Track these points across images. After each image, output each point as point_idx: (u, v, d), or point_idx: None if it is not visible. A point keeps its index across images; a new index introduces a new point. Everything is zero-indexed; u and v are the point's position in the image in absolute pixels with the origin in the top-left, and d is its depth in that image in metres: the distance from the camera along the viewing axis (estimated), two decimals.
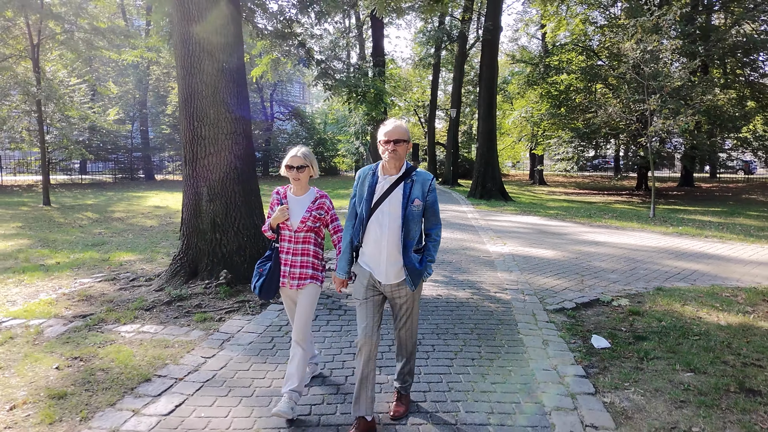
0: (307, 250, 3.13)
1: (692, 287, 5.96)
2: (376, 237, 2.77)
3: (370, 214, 2.78)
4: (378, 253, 2.78)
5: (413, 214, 2.74)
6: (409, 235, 2.76)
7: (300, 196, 3.16)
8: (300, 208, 3.11)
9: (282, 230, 3.13)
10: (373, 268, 2.82)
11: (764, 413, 3.02)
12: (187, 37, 5.40)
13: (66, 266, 7.05)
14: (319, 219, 3.14)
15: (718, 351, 3.96)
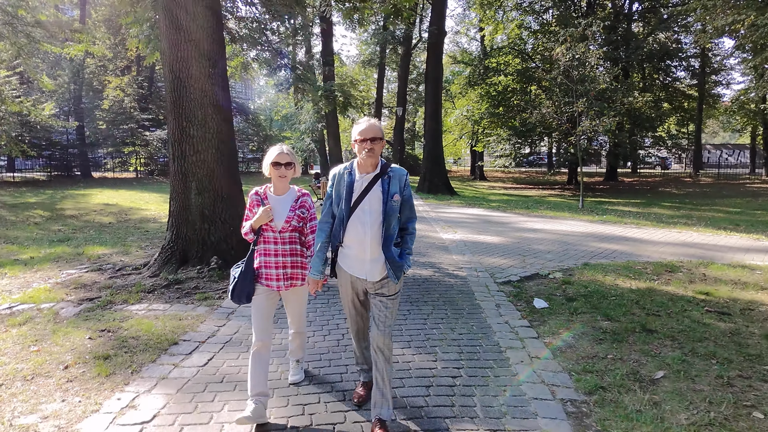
0: (296, 250, 3.11)
1: (612, 263, 7.19)
2: (359, 235, 2.77)
3: (350, 213, 2.79)
4: (361, 251, 2.78)
5: (393, 209, 2.77)
6: (390, 229, 2.79)
7: (281, 195, 3.11)
8: (283, 208, 3.06)
9: (264, 232, 3.05)
10: (356, 268, 2.83)
11: (656, 344, 4.11)
12: (175, 43, 5.92)
13: (42, 260, 7.29)
14: (302, 218, 3.12)
15: (628, 306, 5.08)
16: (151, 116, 31.03)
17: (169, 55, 5.96)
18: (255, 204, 3.08)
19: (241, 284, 3.00)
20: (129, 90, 31.17)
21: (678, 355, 3.85)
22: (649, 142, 28.32)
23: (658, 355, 3.89)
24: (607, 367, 3.66)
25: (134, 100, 31.04)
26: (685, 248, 8.50)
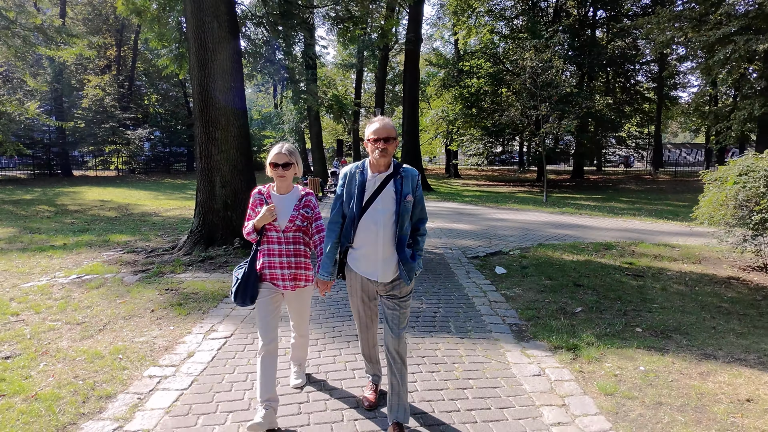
0: (300, 250, 3.07)
1: (562, 243, 8.79)
2: (371, 235, 2.75)
3: (362, 213, 2.75)
4: (374, 251, 2.76)
5: (406, 210, 2.74)
6: (403, 230, 2.76)
7: (284, 194, 3.07)
8: (286, 207, 3.02)
9: (268, 231, 3.00)
10: (367, 269, 2.80)
11: (581, 293, 5.65)
12: (203, 62, 7.21)
13: (76, 246, 8.45)
14: (307, 217, 3.06)
15: (567, 271, 6.64)
16: (132, 115, 31.66)
17: (198, 72, 7.24)
18: (258, 203, 3.05)
19: (244, 286, 2.96)
20: (109, 89, 31.71)
21: (594, 299, 5.41)
22: (612, 142, 30.47)
23: (581, 299, 5.43)
24: (542, 306, 5.18)
25: (115, 99, 31.60)
26: (626, 233, 10.19)
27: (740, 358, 3.85)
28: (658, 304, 5.29)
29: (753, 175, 6.76)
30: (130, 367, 3.66)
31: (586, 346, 4.07)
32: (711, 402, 3.16)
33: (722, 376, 3.52)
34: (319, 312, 5.00)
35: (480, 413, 3.06)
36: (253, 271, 2.99)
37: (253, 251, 3.04)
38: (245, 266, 3.01)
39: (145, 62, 36.77)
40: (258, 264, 3.03)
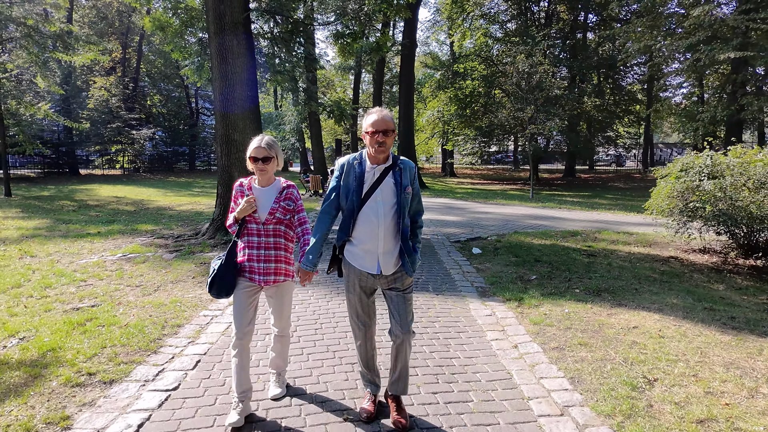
0: (280, 243, 3.05)
1: (534, 231, 10.11)
2: (371, 228, 2.73)
3: (361, 205, 2.74)
4: (374, 244, 2.74)
5: (406, 201, 2.76)
6: (404, 221, 2.77)
7: (265, 186, 3.07)
8: (267, 200, 3.02)
9: (248, 224, 3.01)
10: (367, 262, 2.78)
11: (539, 266, 6.96)
12: (224, 74, 8.50)
13: (110, 233, 9.73)
14: (288, 210, 3.06)
15: (532, 252, 7.96)
16: (136, 116, 32.91)
17: (220, 82, 8.54)
18: (239, 195, 3.05)
19: (220, 278, 2.94)
20: (114, 90, 32.93)
21: (548, 270, 6.73)
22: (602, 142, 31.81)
23: (537, 271, 6.75)
24: (505, 275, 6.50)
25: (120, 100, 32.83)
26: (595, 223, 11.51)
27: (644, 307, 5.16)
28: (599, 274, 6.61)
29: (690, 171, 8.10)
30: (188, 310, 4.97)
31: (529, 298, 5.39)
32: (607, 328, 4.47)
33: (624, 316, 4.83)
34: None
35: (443, 335, 4.37)
36: (231, 264, 2.98)
37: (232, 242, 3.06)
38: (223, 258, 3.00)
39: (148, 63, 38.04)
40: (238, 257, 3.05)
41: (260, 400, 3.20)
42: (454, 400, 3.18)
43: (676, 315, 4.88)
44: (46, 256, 7.64)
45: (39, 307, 5.07)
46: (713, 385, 3.35)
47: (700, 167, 7.98)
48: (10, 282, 6.04)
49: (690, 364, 3.69)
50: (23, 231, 9.98)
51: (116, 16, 32.53)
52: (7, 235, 9.44)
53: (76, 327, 4.45)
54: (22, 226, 10.57)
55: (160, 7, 9.85)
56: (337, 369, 3.67)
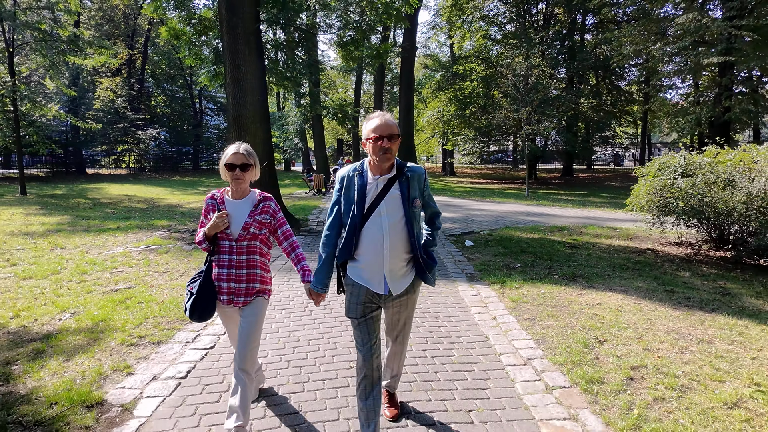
0: (253, 261, 2.82)
1: (525, 226, 10.85)
2: (375, 245, 2.50)
3: (364, 220, 2.51)
4: (379, 263, 2.52)
5: (414, 215, 2.55)
6: (415, 236, 2.55)
7: (240, 200, 2.84)
8: (241, 214, 2.80)
9: (221, 240, 2.78)
10: (371, 281, 2.55)
11: (524, 256, 7.71)
12: (236, 81, 9.26)
13: (128, 228, 10.49)
14: (265, 225, 2.83)
15: (520, 244, 8.71)
16: (142, 116, 33.70)
17: (233, 89, 9.30)
18: (210, 209, 2.83)
19: (200, 300, 2.76)
20: (120, 91, 33.73)
21: (532, 259, 7.48)
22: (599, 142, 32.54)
23: (522, 260, 7.50)
24: (492, 264, 7.25)
25: (126, 101, 33.63)
26: (584, 219, 12.25)
27: (612, 289, 5.91)
28: (578, 263, 7.36)
29: (666, 169, 8.84)
30: None
31: (511, 282, 6.14)
32: (574, 304, 5.22)
33: (591, 296, 5.58)
34: None
35: (434, 309, 5.12)
36: (210, 284, 2.77)
37: (207, 262, 2.80)
38: (201, 279, 2.78)
39: (152, 64, 38.83)
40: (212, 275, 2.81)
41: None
42: (439, 355, 3.93)
43: (638, 295, 5.63)
44: (74, 248, 8.40)
45: (81, 290, 5.84)
46: (652, 344, 4.10)
47: (675, 166, 8.72)
48: (48, 270, 6.80)
49: (638, 330, 4.44)
50: (47, 226, 10.75)
51: (122, 18, 33.30)
52: (34, 230, 10.21)
53: (119, 304, 5.22)
54: (46, 222, 11.34)
55: (176, 17, 10.60)
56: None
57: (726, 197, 7.81)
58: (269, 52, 10.76)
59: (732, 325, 4.60)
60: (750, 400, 3.15)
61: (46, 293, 5.71)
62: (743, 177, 7.95)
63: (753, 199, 7.53)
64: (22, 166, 18.52)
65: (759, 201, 7.48)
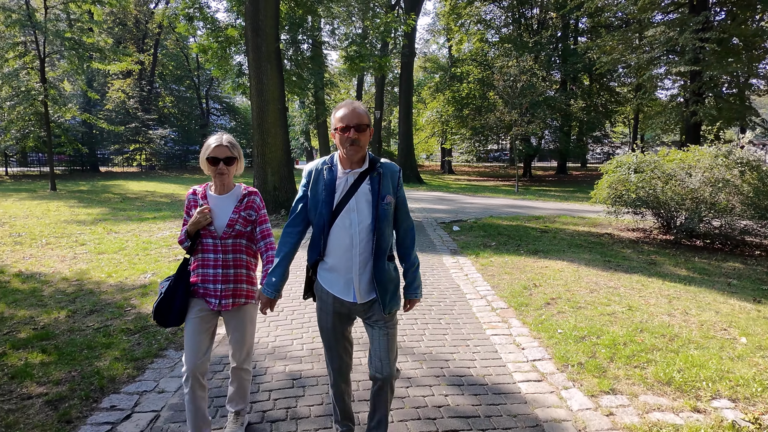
0: (240, 260, 2.68)
1: (507, 216, 12.65)
2: (345, 245, 2.34)
3: (333, 219, 2.34)
4: (347, 265, 2.36)
5: (385, 213, 2.36)
6: (382, 238, 2.36)
7: (223, 194, 2.70)
8: (225, 210, 2.65)
9: (204, 238, 2.61)
10: (340, 287, 2.39)
11: (499, 237, 9.51)
12: (259, 91, 11.05)
13: (163, 218, 12.26)
14: (249, 221, 2.70)
15: (499, 229, 10.50)
16: (153, 116, 35.52)
17: (257, 99, 11.09)
18: (192, 205, 2.68)
19: (168, 302, 2.57)
20: (131, 92, 35.52)
21: (505, 239, 9.27)
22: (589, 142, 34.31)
23: (497, 240, 9.29)
24: (473, 243, 9.04)
25: (137, 102, 35.43)
26: (561, 210, 14.04)
27: (562, 258, 7.69)
28: (543, 243, 9.15)
29: (622, 166, 10.62)
30: None
31: (484, 254, 7.94)
32: (528, 267, 7.02)
33: (543, 263, 7.37)
34: None
35: (422, 270, 6.91)
36: (181, 286, 2.61)
37: (182, 261, 2.68)
38: (173, 277, 2.65)
39: (161, 66, 40.64)
40: (191, 277, 2.67)
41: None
42: (424, 294, 5.73)
43: (580, 263, 7.42)
44: (126, 232, 10.20)
45: (149, 260, 7.63)
46: (572, 288, 5.90)
47: (629, 164, 10.51)
48: (116, 247, 8.60)
49: (567, 281, 6.24)
50: (93, 216, 12.55)
51: (134, 23, 35.08)
52: (83, 219, 12.01)
53: None
54: (89, 213, 13.14)
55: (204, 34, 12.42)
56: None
57: (666, 190, 9.61)
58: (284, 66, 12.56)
59: (639, 280, 6.39)
60: (620, 313, 4.95)
61: (123, 262, 7.50)
62: (682, 173, 9.74)
63: (687, 192, 9.33)
64: (53, 165, 20.33)
65: (692, 193, 9.28)
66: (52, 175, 19.69)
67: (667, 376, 3.52)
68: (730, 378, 3.51)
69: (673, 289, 5.97)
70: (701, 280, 6.61)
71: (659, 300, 5.46)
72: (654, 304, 5.30)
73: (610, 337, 4.27)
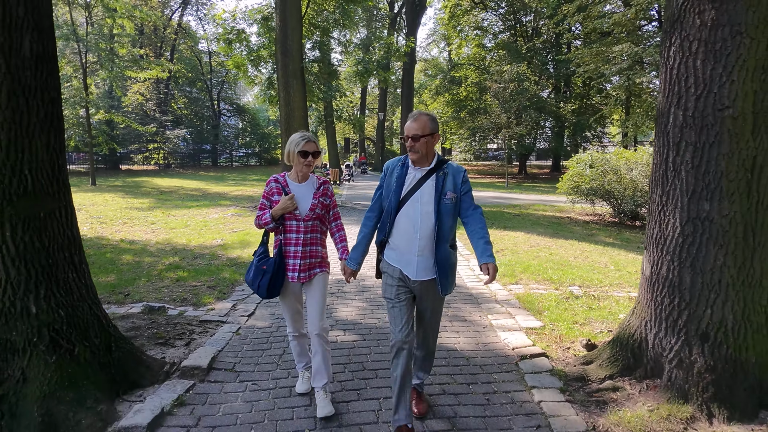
0: (315, 239, 3.20)
1: (491, 204, 15.36)
2: (407, 231, 2.82)
3: (399, 207, 2.84)
4: (409, 247, 2.82)
5: (447, 207, 2.82)
6: (443, 228, 2.82)
7: (302, 183, 3.20)
8: (306, 196, 3.16)
9: (287, 221, 3.11)
10: (403, 264, 2.86)
11: None
12: (286, 101, 13.80)
13: (204, 206, 15.00)
14: (325, 206, 3.22)
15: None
16: (171, 118, 38.36)
17: (285, 108, 13.84)
18: (275, 191, 3.16)
19: (274, 278, 3.11)
20: (149, 95, 38.35)
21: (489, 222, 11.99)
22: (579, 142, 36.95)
23: None
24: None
25: (155, 104, 38.27)
26: (538, 201, 16.77)
27: (520, 231, 10.41)
28: (512, 222, 11.86)
29: (581, 162, 13.34)
30: None
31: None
32: (493, 235, 9.67)
33: (507, 233, 10.09)
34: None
35: None
36: (283, 261, 3.13)
37: (277, 241, 3.17)
38: (275, 257, 3.12)
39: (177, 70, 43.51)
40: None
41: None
42: None
43: (533, 233, 10.16)
44: (181, 216, 12.95)
45: (213, 232, 10.39)
46: (518, 245, 8.63)
47: (586, 161, 13.24)
48: (181, 224, 11.35)
49: (517, 242, 8.98)
50: (146, 204, 15.35)
51: (152, 30, 37.94)
52: (139, 206, 14.80)
53: (242, 237, 9.75)
54: (142, 202, 15.95)
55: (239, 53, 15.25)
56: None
57: (612, 181, 12.33)
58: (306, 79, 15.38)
59: (571, 243, 9.12)
60: (542, 257, 7.68)
61: (193, 234, 10.24)
62: (625, 168, 12.47)
63: (628, 182, 12.05)
64: (93, 162, 23.15)
65: (632, 183, 12.00)
66: (92, 171, 22.49)
67: (549, 277, 6.30)
68: (585, 279, 6.28)
69: (592, 247, 8.71)
70: (620, 245, 9.33)
71: (575, 252, 8.21)
72: (570, 254, 8.06)
73: (527, 265, 7.03)
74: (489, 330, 4.70)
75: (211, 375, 3.72)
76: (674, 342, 3.27)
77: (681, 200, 3.24)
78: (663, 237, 3.37)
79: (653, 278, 3.45)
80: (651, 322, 3.44)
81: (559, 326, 4.69)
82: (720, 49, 3.00)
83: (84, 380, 3.16)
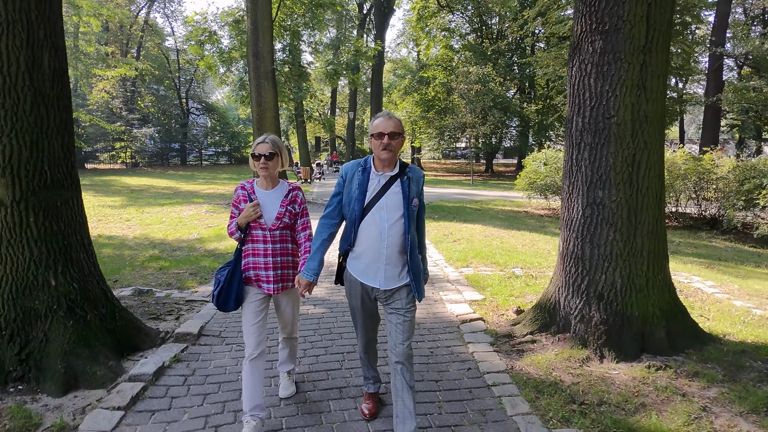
0: (286, 249, 3.06)
1: (454, 200, 16.28)
2: (373, 239, 2.72)
3: (363, 214, 2.73)
4: (376, 256, 2.73)
5: (413, 214, 2.75)
6: (413, 235, 2.75)
7: (270, 189, 3.04)
8: (272, 204, 3.01)
9: (253, 230, 2.98)
10: (368, 275, 2.78)
11: (441, 214, 13.14)
12: (258, 102, 14.38)
13: (177, 203, 15.45)
14: (294, 214, 3.06)
15: (444, 209, 14.11)
16: (138, 116, 38.13)
17: (256, 108, 14.42)
18: (242, 199, 3.03)
19: (227, 289, 2.95)
20: (115, 93, 38.03)
21: (445, 214, 12.90)
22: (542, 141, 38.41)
23: (440, 215, 12.90)
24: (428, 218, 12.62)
25: (122, 103, 37.99)
26: (499, 197, 17.78)
27: (478, 224, 11.30)
28: (473, 216, 12.77)
29: (536, 160, 14.37)
30: None
31: (429, 221, 11.52)
32: (452, 227, 10.61)
33: (465, 225, 10.97)
34: None
35: None
36: (238, 273, 2.99)
37: (236, 251, 3.02)
38: (229, 267, 2.99)
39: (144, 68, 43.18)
40: (243, 265, 3.02)
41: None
42: None
43: (489, 225, 11.07)
44: (155, 213, 13.39)
45: (188, 228, 10.93)
46: (474, 235, 9.51)
47: (541, 159, 14.26)
48: (157, 221, 11.83)
49: (473, 233, 9.85)
50: (118, 202, 15.68)
51: (118, 27, 37.63)
52: (111, 204, 15.14)
53: (216, 231, 10.35)
54: (114, 200, 16.26)
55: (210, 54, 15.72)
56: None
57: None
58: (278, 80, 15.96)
59: (523, 234, 10.04)
60: (494, 245, 8.56)
61: (169, 229, 10.76)
62: None
63: None
64: None
65: None
66: None
67: (495, 260, 7.18)
68: (528, 262, 7.17)
69: (540, 237, 9.66)
70: None
71: (525, 241, 9.13)
72: (519, 242, 8.97)
73: (479, 251, 7.90)
74: (439, 303, 5.50)
75: (201, 340, 4.42)
76: (578, 302, 4.13)
77: (582, 189, 4.10)
78: (570, 219, 4.24)
79: (564, 252, 4.32)
80: (562, 288, 4.30)
81: (497, 298, 5.53)
82: (606, 70, 3.87)
83: (95, 342, 3.81)
